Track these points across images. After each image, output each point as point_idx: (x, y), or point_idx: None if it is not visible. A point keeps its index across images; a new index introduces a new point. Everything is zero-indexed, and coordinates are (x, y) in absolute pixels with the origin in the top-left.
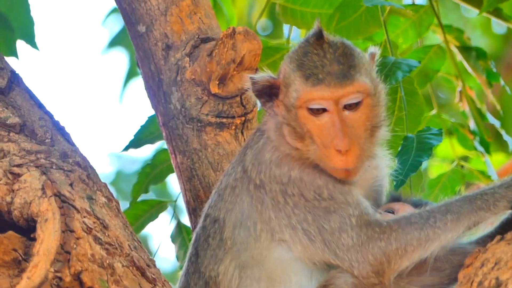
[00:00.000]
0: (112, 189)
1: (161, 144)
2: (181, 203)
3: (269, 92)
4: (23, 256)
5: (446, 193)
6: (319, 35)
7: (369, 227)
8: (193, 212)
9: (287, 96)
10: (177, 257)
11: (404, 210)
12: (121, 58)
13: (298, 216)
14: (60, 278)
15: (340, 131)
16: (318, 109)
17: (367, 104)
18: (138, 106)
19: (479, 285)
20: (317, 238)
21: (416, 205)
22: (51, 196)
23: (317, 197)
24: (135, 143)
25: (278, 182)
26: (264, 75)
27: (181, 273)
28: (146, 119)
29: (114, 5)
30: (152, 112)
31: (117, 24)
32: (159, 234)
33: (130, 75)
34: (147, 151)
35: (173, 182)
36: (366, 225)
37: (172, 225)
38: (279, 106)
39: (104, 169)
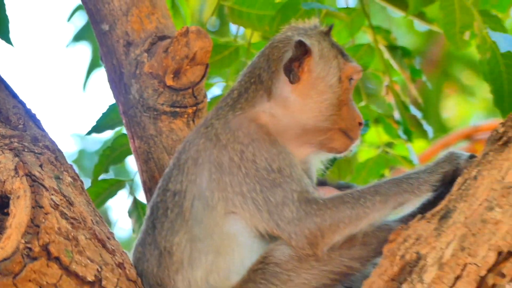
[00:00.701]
0: (75, 167)
1: (120, 128)
2: (138, 181)
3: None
4: None
5: (372, 176)
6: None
7: (308, 203)
8: (149, 191)
9: (330, 66)
10: (133, 230)
11: (330, 193)
12: (84, 51)
13: (248, 185)
14: (30, 249)
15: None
16: (352, 81)
17: None
18: (100, 94)
19: (401, 258)
20: (263, 208)
21: (340, 188)
22: (23, 176)
23: (267, 167)
24: (98, 128)
25: (240, 142)
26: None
27: (135, 243)
28: (108, 107)
29: (79, 2)
30: (113, 101)
31: (81, 20)
32: (118, 208)
33: (93, 66)
34: (107, 133)
35: (130, 162)
36: (306, 202)
37: (129, 201)
38: (311, 73)
39: (69, 149)
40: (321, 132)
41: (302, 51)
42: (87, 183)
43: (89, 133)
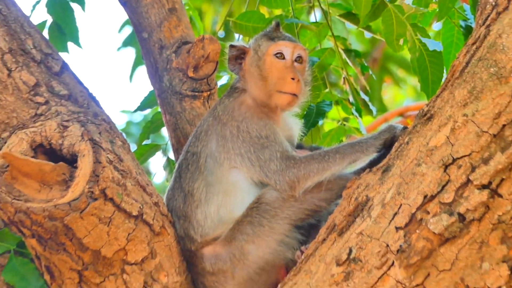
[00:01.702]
0: (124, 135)
1: (157, 107)
2: (169, 145)
3: (240, 56)
4: (69, 178)
5: (334, 141)
6: (277, 25)
7: (288, 159)
8: (176, 151)
9: (257, 52)
10: (166, 179)
11: (304, 153)
12: (130, 53)
13: (245, 148)
14: (92, 192)
15: (293, 68)
16: (279, 55)
17: (305, 64)
18: (141, 83)
19: (355, 200)
20: (256, 164)
21: (312, 149)
22: (87, 140)
23: (257, 135)
24: (141, 107)
25: (236, 120)
26: (238, 43)
27: (167, 188)
28: (148, 92)
29: (127, 18)
30: (151, 88)
31: (127, 30)
32: (156, 164)
33: (136, 64)
34: (147, 110)
35: (164, 132)
36: (286, 158)
37: (163, 159)
38: (248, 64)
39: (119, 122)
40: (269, 99)
41: (238, 51)
42: (133, 147)
43: (135, 110)
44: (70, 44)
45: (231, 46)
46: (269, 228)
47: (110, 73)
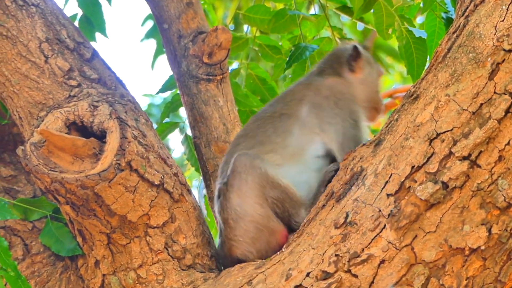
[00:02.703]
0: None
1: (176, 90)
2: (187, 123)
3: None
4: (98, 152)
5: None
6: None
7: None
8: (193, 128)
9: (374, 70)
10: (184, 153)
11: None
12: (152, 43)
13: (336, 120)
14: (119, 164)
15: None
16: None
17: None
18: (162, 70)
19: (351, 170)
20: (339, 138)
21: None
22: (114, 118)
23: (351, 117)
24: (162, 89)
25: (336, 96)
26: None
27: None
28: (168, 77)
29: (149, 12)
30: (171, 73)
31: (150, 23)
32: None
33: (157, 53)
34: (167, 93)
35: (182, 111)
36: (359, 143)
37: (182, 136)
38: (363, 71)
39: (142, 103)
40: (366, 106)
41: (356, 53)
42: (154, 126)
43: (158, 92)
44: (98, 35)
45: (355, 48)
46: None
47: (133, 61)
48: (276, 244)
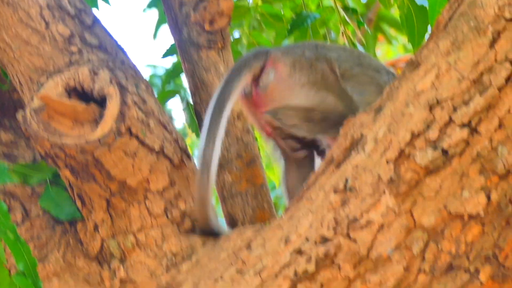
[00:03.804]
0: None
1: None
2: (187, 89)
3: None
4: (98, 117)
5: None
6: None
7: None
8: (193, 95)
9: None
10: (186, 120)
11: None
12: (155, 13)
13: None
14: (119, 129)
15: None
16: None
17: None
18: (163, 39)
19: (351, 136)
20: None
21: None
22: (115, 84)
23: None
24: (165, 55)
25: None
26: None
27: None
28: (170, 45)
29: None
30: (173, 41)
31: None
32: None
33: (159, 23)
34: (169, 63)
35: (183, 78)
36: None
37: (183, 103)
38: None
39: (144, 74)
40: None
41: None
42: (156, 95)
43: (163, 56)
44: (100, 2)
45: None
46: None
47: (136, 31)
48: None
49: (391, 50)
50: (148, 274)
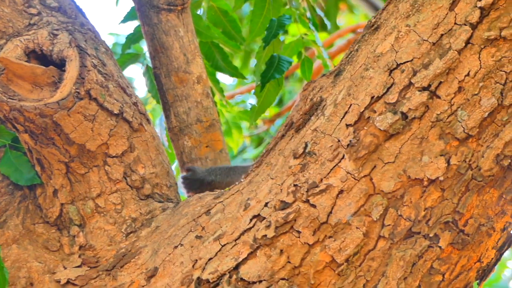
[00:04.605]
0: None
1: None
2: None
3: None
4: (58, 80)
5: (294, 52)
6: None
7: None
8: (153, 59)
9: None
10: (146, 85)
11: None
12: None
13: None
14: (78, 93)
15: None
16: None
17: None
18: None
19: (310, 100)
20: None
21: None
22: (74, 47)
23: None
24: (125, 20)
25: None
26: None
27: None
28: (130, 8)
29: None
30: (133, 4)
31: None
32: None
33: None
34: (130, 30)
35: (143, 43)
36: None
37: (143, 67)
38: None
39: (108, 43)
40: None
41: None
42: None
43: (122, 22)
44: None
45: None
46: None
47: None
48: None
49: (352, 19)
50: (107, 240)
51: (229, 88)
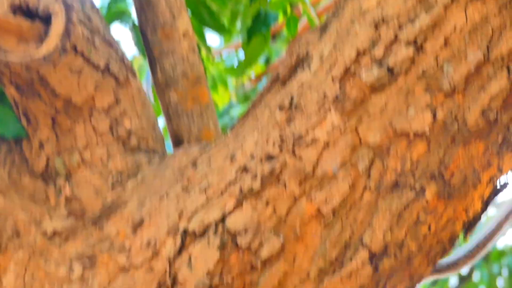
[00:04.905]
0: None
1: None
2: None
3: None
4: (44, 35)
5: (282, 6)
6: None
7: None
8: (139, 14)
9: None
10: (132, 38)
11: None
12: None
13: None
14: (64, 47)
15: None
16: None
17: None
18: None
19: (296, 54)
20: None
21: None
22: (60, 2)
23: None
24: None
25: None
26: None
27: None
28: None
29: None
30: None
31: None
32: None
33: None
34: None
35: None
36: None
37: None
38: None
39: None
40: None
41: None
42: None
43: None
44: None
45: None
46: None
47: None
48: None
49: None
50: (93, 192)
51: (216, 50)
